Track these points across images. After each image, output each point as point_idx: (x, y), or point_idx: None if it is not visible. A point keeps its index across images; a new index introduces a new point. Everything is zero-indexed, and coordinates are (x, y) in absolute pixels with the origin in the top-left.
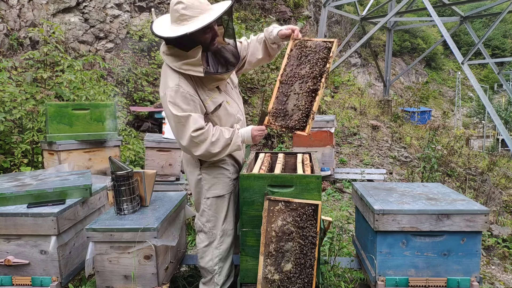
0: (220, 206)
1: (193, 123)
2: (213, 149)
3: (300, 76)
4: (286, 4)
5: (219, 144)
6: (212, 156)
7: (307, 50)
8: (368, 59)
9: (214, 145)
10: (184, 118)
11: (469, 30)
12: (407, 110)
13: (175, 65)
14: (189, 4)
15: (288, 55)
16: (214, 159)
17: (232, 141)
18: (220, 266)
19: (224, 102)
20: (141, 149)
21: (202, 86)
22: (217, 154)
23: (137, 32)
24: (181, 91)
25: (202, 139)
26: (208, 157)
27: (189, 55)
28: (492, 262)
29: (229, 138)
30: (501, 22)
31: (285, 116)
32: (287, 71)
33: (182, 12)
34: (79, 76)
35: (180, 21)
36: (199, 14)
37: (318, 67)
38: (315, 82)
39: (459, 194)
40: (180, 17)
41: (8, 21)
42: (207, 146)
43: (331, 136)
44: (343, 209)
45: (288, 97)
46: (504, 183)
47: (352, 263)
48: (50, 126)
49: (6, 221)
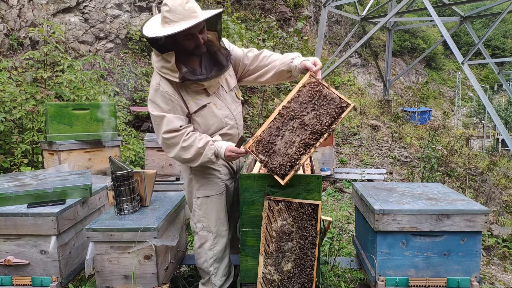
0: (210, 206)
1: (166, 124)
2: (184, 154)
3: (301, 120)
4: (286, 4)
5: (190, 151)
6: (185, 161)
7: (321, 97)
8: (368, 59)
9: (186, 151)
10: (159, 118)
11: (469, 30)
12: (407, 110)
13: (156, 66)
14: (173, 8)
15: (299, 90)
16: (191, 165)
17: (204, 152)
18: (216, 267)
19: (211, 104)
20: (141, 149)
21: (185, 88)
22: (189, 161)
23: (137, 32)
24: (160, 90)
25: (174, 142)
26: (182, 162)
27: (165, 58)
28: (492, 262)
29: (202, 147)
30: (501, 22)
31: (269, 152)
32: (292, 106)
33: (165, 15)
34: (79, 76)
35: (164, 23)
36: (180, 20)
37: (323, 122)
38: (314, 138)
39: (459, 194)
40: (164, 19)
41: (8, 21)
42: (178, 150)
43: (331, 136)
44: (343, 209)
45: (281, 134)
46: (504, 183)
47: (352, 263)
48: (50, 126)
49: (6, 221)
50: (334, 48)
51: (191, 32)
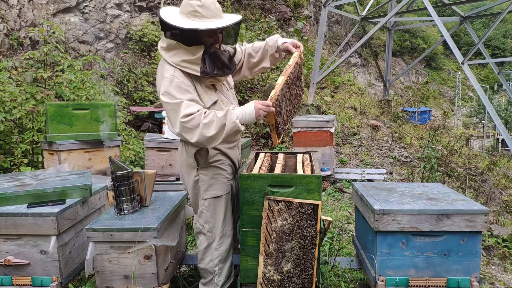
0: (218, 207)
1: (184, 108)
2: (208, 131)
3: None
4: (286, 4)
5: (213, 125)
6: (210, 140)
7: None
8: (368, 59)
9: (208, 127)
10: (176, 105)
11: (469, 30)
12: (407, 110)
13: (173, 61)
14: (206, 5)
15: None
16: (214, 144)
17: (228, 119)
18: (220, 267)
19: (219, 101)
20: (141, 149)
21: (199, 82)
22: (214, 137)
23: (137, 32)
24: (175, 81)
25: (195, 124)
26: (205, 142)
27: (190, 51)
28: (492, 262)
29: (223, 116)
30: (501, 22)
31: (278, 112)
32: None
33: (196, 9)
34: (79, 76)
35: (192, 16)
36: (212, 17)
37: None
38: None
39: (459, 194)
40: (193, 12)
41: (8, 21)
42: (200, 129)
43: (331, 136)
44: (343, 209)
45: (284, 99)
46: (504, 183)
47: (352, 263)
48: (50, 126)
49: (6, 221)
50: (334, 48)
51: (217, 31)
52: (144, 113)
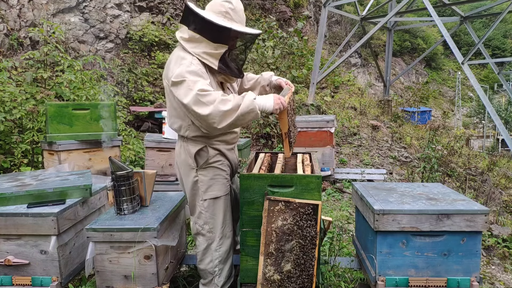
0: (217, 207)
1: (201, 84)
2: (224, 106)
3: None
4: (286, 4)
5: (229, 102)
6: (223, 116)
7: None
8: (368, 59)
9: (224, 103)
10: (193, 82)
11: (469, 30)
12: (407, 110)
13: (194, 51)
14: (237, 10)
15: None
16: (225, 123)
17: (244, 99)
18: (220, 268)
19: None
20: (141, 149)
21: (212, 76)
22: (228, 113)
23: (137, 32)
24: (193, 67)
25: (210, 100)
26: (217, 118)
27: (213, 46)
28: (492, 262)
29: (241, 97)
30: (501, 22)
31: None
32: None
33: (228, 11)
34: (79, 76)
35: (222, 16)
36: (239, 22)
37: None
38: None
39: (459, 194)
40: (224, 13)
41: (8, 21)
42: (216, 103)
43: (331, 136)
44: (343, 209)
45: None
46: (504, 183)
47: (352, 263)
48: (50, 126)
49: (6, 221)
50: (334, 48)
51: (238, 36)
52: (144, 113)
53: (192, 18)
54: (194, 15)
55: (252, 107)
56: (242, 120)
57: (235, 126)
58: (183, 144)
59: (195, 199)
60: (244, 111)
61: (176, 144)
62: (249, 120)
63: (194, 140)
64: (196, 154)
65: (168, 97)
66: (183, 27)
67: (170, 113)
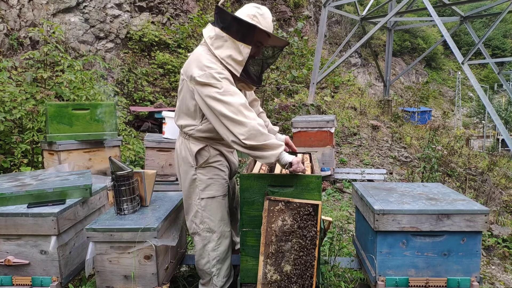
0: (215, 207)
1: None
2: (261, 128)
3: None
4: (286, 4)
5: (265, 131)
6: (255, 134)
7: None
8: (368, 59)
9: (263, 128)
10: (235, 92)
11: (469, 30)
12: (407, 110)
13: (219, 54)
14: (266, 16)
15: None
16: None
17: (274, 142)
18: (218, 268)
19: None
20: (141, 149)
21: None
22: (259, 134)
23: (137, 32)
24: (225, 73)
25: (252, 116)
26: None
27: (237, 48)
28: (492, 262)
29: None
30: (501, 22)
31: None
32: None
33: (256, 14)
34: (79, 76)
35: (249, 18)
36: (265, 27)
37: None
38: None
39: (459, 194)
40: (252, 16)
41: (8, 21)
42: (257, 121)
43: (331, 136)
44: (343, 209)
45: None
46: (504, 183)
47: (352, 263)
48: (50, 126)
49: (6, 221)
50: (334, 48)
51: (262, 39)
52: (144, 113)
53: (221, 16)
54: (222, 13)
55: (278, 146)
56: (262, 150)
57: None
58: (185, 141)
59: (191, 197)
60: (270, 143)
61: (176, 140)
62: (267, 155)
63: (197, 139)
64: (197, 153)
65: (184, 95)
66: (211, 26)
67: (181, 110)
